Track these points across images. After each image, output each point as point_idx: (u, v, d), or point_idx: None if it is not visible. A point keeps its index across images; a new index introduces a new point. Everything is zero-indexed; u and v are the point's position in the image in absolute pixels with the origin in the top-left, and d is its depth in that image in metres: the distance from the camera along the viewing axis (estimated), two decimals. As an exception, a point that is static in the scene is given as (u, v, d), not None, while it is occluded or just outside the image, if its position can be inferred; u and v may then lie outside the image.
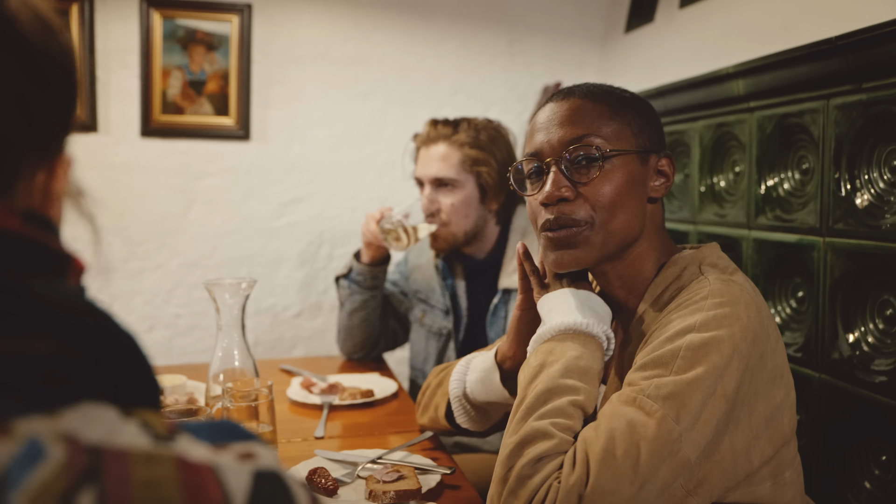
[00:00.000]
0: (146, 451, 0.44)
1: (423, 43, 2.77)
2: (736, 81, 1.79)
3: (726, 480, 1.01)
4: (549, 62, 2.86)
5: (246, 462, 0.48)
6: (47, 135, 0.54)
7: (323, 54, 2.70)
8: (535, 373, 1.09)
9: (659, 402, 0.96)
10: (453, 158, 1.99)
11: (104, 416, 0.45)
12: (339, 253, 2.77)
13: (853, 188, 1.52)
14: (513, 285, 1.97)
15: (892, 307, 1.44)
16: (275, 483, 0.48)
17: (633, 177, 1.12)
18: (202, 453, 0.46)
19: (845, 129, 1.53)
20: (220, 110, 2.64)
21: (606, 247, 1.13)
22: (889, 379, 1.43)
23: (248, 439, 0.51)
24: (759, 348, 1.02)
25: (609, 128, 1.12)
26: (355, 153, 2.76)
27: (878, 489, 1.47)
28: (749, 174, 1.82)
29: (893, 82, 1.41)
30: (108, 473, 0.42)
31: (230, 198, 2.67)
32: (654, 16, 2.48)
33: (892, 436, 1.43)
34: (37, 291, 0.47)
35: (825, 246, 1.58)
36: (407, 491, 1.22)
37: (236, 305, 1.55)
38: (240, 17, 2.60)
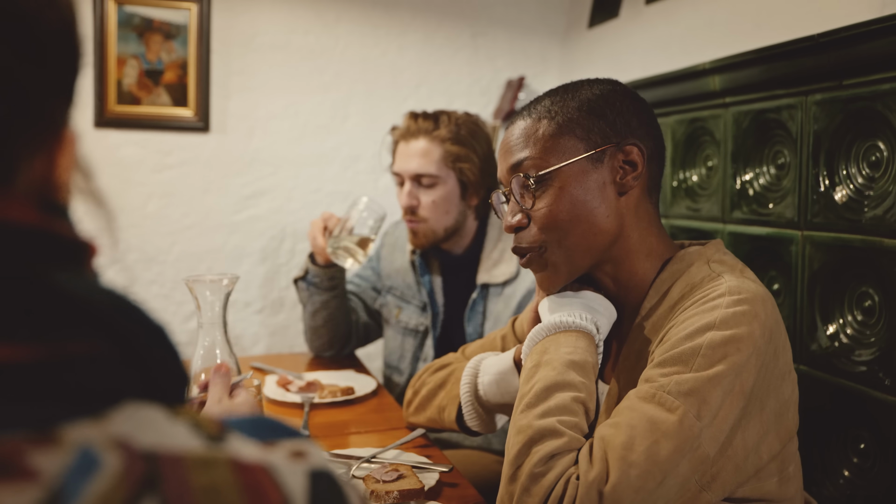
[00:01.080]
0: (201, 454, 0.42)
1: (385, 35, 2.74)
2: (713, 77, 1.82)
3: (738, 475, 1.02)
4: (512, 56, 2.86)
5: (299, 461, 0.46)
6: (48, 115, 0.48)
7: (284, 45, 2.64)
8: (532, 372, 1.09)
9: (680, 398, 0.96)
10: (434, 154, 1.96)
11: (152, 418, 0.43)
12: (302, 248, 2.72)
13: (832, 183, 1.55)
14: (491, 280, 1.96)
15: (871, 299, 1.48)
16: (330, 484, 0.46)
17: (581, 184, 1.12)
18: (254, 452, 0.44)
19: (824, 125, 1.56)
20: (178, 101, 2.56)
21: (572, 262, 1.14)
22: (869, 369, 1.47)
23: (295, 436, 0.49)
24: (774, 345, 1.03)
25: (547, 143, 1.13)
26: (318, 145, 2.71)
27: (857, 476, 1.51)
28: (723, 168, 1.85)
29: (874, 79, 1.45)
30: (168, 481, 0.39)
31: (189, 191, 2.60)
32: (619, 11, 2.49)
33: (870, 424, 1.47)
34: (66, 287, 0.44)
35: (803, 239, 1.61)
36: (410, 490, 1.20)
37: (218, 302, 1.50)
38: (198, 5, 2.53)
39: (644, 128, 1.17)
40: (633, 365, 1.13)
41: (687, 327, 1.02)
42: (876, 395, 1.45)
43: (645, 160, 1.14)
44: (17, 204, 0.45)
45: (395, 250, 2.20)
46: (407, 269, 2.13)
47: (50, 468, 0.37)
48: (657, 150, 1.19)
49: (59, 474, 0.37)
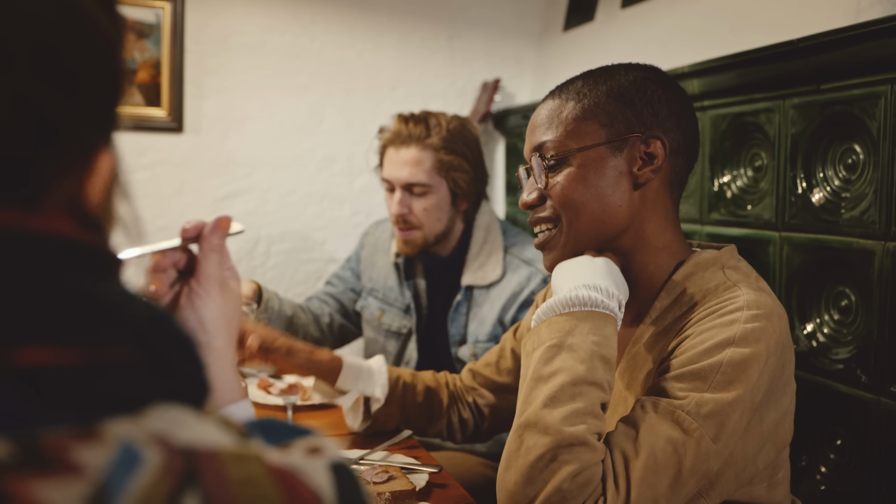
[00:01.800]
0: (234, 450, 0.43)
1: (362, 36, 2.73)
2: (691, 80, 1.84)
3: (736, 483, 1.04)
4: (488, 58, 2.87)
5: (318, 457, 0.47)
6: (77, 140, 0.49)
7: (260, 45, 2.63)
8: (553, 353, 1.01)
9: (699, 419, 0.96)
10: (426, 163, 1.94)
11: (184, 417, 0.44)
12: (277, 249, 2.71)
13: (809, 185, 1.59)
14: (476, 282, 1.96)
15: (848, 298, 1.51)
16: (348, 475, 0.48)
17: (597, 170, 1.12)
18: (275, 454, 0.45)
19: (802, 128, 1.59)
20: (151, 101, 2.53)
21: (577, 244, 1.13)
22: (846, 367, 1.50)
23: (306, 434, 0.50)
24: (782, 360, 1.04)
25: (570, 126, 1.13)
26: (293, 147, 2.69)
27: (834, 473, 1.55)
28: (702, 171, 1.88)
29: (850, 84, 1.48)
30: (207, 475, 0.41)
31: (162, 192, 2.57)
32: (595, 15, 2.52)
33: (847, 421, 1.50)
34: (104, 295, 0.46)
35: (781, 240, 1.65)
36: (402, 492, 1.20)
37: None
38: (172, 4, 2.50)
39: (674, 119, 1.15)
40: (639, 365, 1.12)
41: (705, 340, 1.01)
42: (853, 393, 1.48)
43: (667, 154, 1.13)
44: (56, 217, 0.47)
45: (376, 251, 2.19)
46: (389, 272, 2.12)
47: (94, 463, 0.38)
48: (686, 145, 1.17)
49: (103, 469, 0.38)
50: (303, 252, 2.74)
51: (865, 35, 1.40)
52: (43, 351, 0.41)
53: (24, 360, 0.41)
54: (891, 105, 1.40)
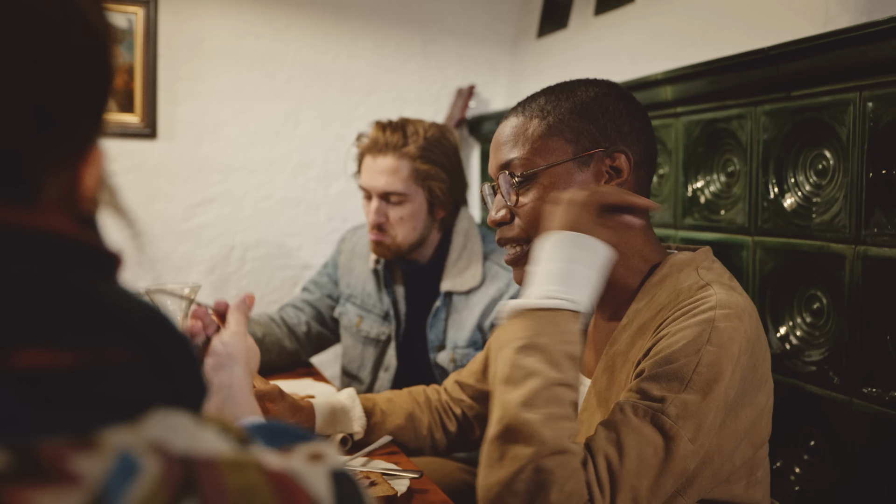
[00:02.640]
0: (232, 457, 0.43)
1: (336, 42, 2.74)
2: (664, 87, 1.87)
3: (714, 481, 1.05)
4: (462, 64, 2.89)
5: (318, 463, 0.47)
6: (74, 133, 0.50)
7: (233, 50, 2.62)
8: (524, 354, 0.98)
9: (679, 421, 0.97)
10: (403, 172, 1.94)
11: (183, 424, 0.44)
12: (252, 256, 2.69)
13: (781, 190, 1.61)
14: (455, 288, 1.96)
15: (820, 301, 1.54)
16: (349, 483, 0.48)
17: (565, 185, 1.13)
18: (275, 460, 0.46)
19: (773, 135, 1.62)
20: (124, 107, 2.51)
21: None
22: (818, 369, 1.53)
23: (309, 439, 0.50)
24: (753, 358, 1.05)
25: (536, 144, 1.15)
26: (268, 152, 2.69)
27: (808, 473, 1.57)
28: (675, 176, 1.90)
29: (820, 91, 1.51)
30: (204, 483, 0.41)
31: (135, 199, 2.54)
32: (568, 22, 2.54)
33: (820, 422, 1.53)
34: (103, 296, 0.46)
35: (754, 244, 1.67)
36: (384, 497, 1.20)
37: (179, 312, 1.48)
38: (145, 9, 2.48)
39: (635, 133, 1.18)
40: (618, 366, 1.14)
41: (679, 341, 1.02)
42: (825, 394, 1.51)
43: (631, 167, 1.16)
44: (54, 214, 0.47)
45: (354, 257, 2.18)
46: (367, 278, 2.12)
47: (92, 472, 0.38)
48: (647, 156, 1.20)
49: (101, 478, 0.38)
50: (278, 258, 2.73)
51: (834, 43, 1.43)
52: (42, 353, 0.41)
53: (23, 363, 0.41)
54: (859, 112, 1.43)
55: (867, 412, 1.42)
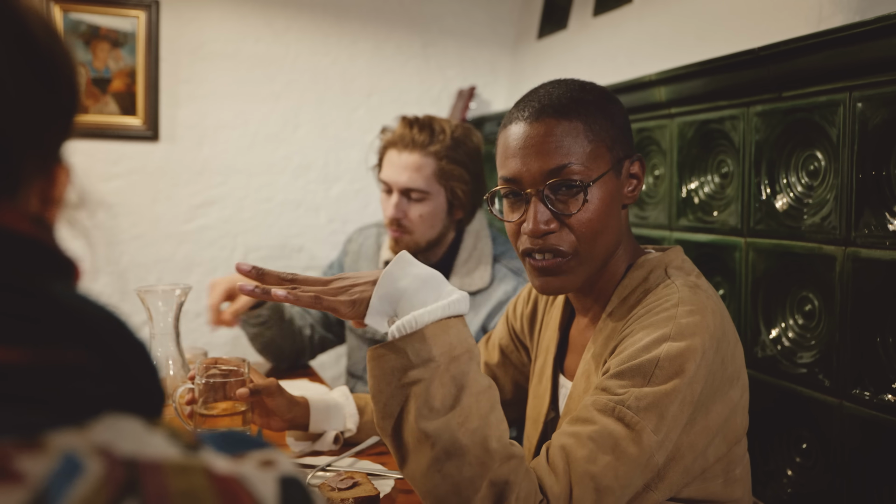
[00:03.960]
0: (178, 461, 0.44)
1: (336, 44, 2.75)
2: (658, 88, 1.86)
3: (685, 477, 1.05)
4: (462, 66, 2.89)
5: (269, 469, 0.48)
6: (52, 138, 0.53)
7: (234, 53, 2.63)
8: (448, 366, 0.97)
9: (640, 413, 0.98)
10: (427, 170, 1.93)
11: (131, 428, 0.45)
12: (253, 258, 2.71)
13: (773, 191, 1.61)
14: (463, 288, 1.96)
15: (811, 303, 1.53)
16: (299, 489, 0.49)
17: (611, 194, 1.12)
18: (225, 465, 0.46)
19: (765, 136, 1.61)
20: (126, 109, 2.53)
21: (592, 270, 1.15)
22: (809, 371, 1.52)
23: (262, 446, 0.51)
24: (721, 353, 1.05)
25: (586, 149, 1.10)
26: (268, 155, 2.70)
27: (800, 476, 1.56)
28: (670, 177, 1.90)
29: (811, 91, 1.50)
30: (147, 486, 0.42)
31: (137, 201, 2.57)
32: (568, 23, 2.54)
33: (811, 425, 1.52)
34: (60, 297, 0.47)
35: (747, 246, 1.67)
36: (366, 497, 1.20)
37: (170, 312, 1.49)
38: (147, 12, 2.50)
39: (631, 137, 1.20)
40: (592, 370, 1.14)
41: (643, 338, 1.04)
42: (816, 396, 1.50)
43: (643, 174, 1.18)
44: (18, 215, 0.48)
45: (360, 259, 2.18)
46: None
47: (36, 472, 0.39)
48: None
49: (44, 478, 0.39)
50: (279, 260, 2.74)
51: (823, 44, 1.42)
52: None
53: None
54: (849, 112, 1.42)
55: (857, 415, 1.41)
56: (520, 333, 1.44)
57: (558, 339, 1.30)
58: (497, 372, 1.47)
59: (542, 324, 1.38)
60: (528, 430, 1.36)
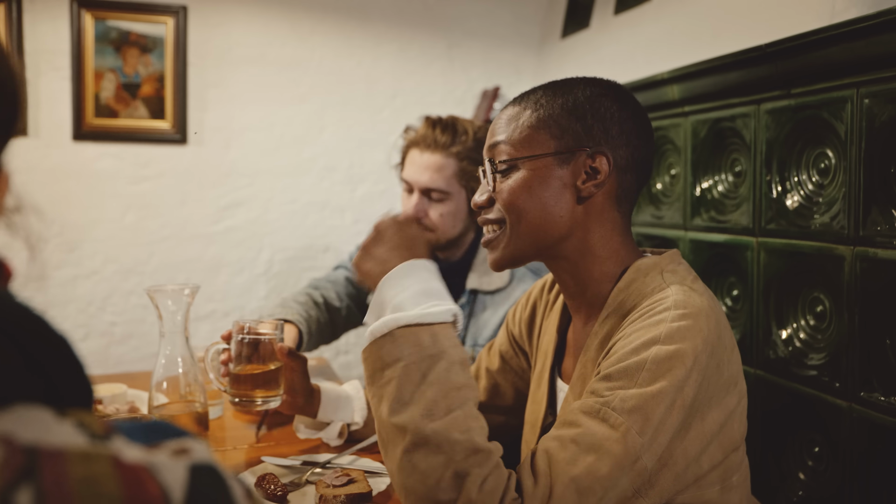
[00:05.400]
0: (83, 449, 0.45)
1: (360, 46, 2.77)
2: (671, 86, 1.85)
3: (677, 484, 1.04)
4: (486, 67, 2.89)
5: (181, 458, 0.48)
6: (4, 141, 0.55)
7: (260, 57, 2.68)
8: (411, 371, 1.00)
9: (624, 414, 0.97)
10: (448, 171, 1.94)
11: (39, 417, 0.46)
12: (279, 258, 2.75)
13: (784, 190, 1.58)
14: (482, 287, 1.97)
15: (822, 304, 1.50)
16: (211, 475, 0.49)
17: (543, 180, 1.14)
18: (137, 454, 0.47)
19: (775, 133, 1.59)
20: (155, 113, 2.59)
21: (519, 247, 1.16)
22: (819, 373, 1.49)
23: (181, 436, 0.52)
24: (716, 359, 1.04)
25: (524, 133, 1.15)
26: (294, 156, 2.74)
27: (812, 479, 1.54)
28: (685, 176, 1.88)
29: (819, 88, 1.47)
30: (45, 472, 0.42)
31: (166, 202, 2.63)
32: (590, 22, 2.53)
33: (823, 428, 1.49)
34: None
35: (758, 246, 1.64)
36: (358, 494, 1.22)
37: (179, 312, 1.52)
38: (175, 18, 2.56)
39: (624, 137, 1.16)
40: (587, 374, 1.14)
41: (633, 341, 1.03)
42: (826, 399, 1.47)
43: (611, 170, 1.15)
44: None
45: None
46: None
47: None
48: (636, 162, 1.18)
49: None
50: (305, 260, 2.78)
51: (829, 39, 1.40)
52: None
53: None
54: (857, 109, 1.39)
55: (866, 418, 1.38)
56: (518, 339, 1.44)
57: (556, 343, 1.30)
58: (498, 378, 1.47)
59: (540, 328, 1.38)
60: (526, 435, 1.36)
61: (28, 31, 2.44)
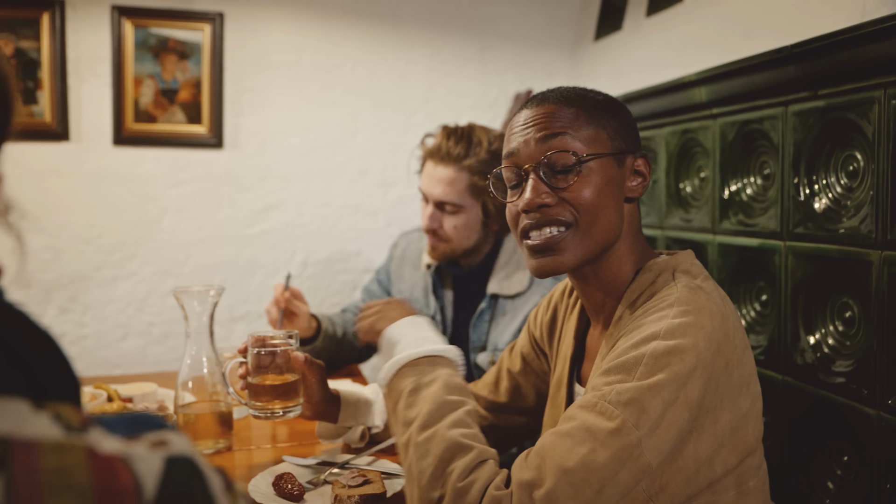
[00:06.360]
0: (57, 440, 0.46)
1: (393, 50, 2.79)
2: (699, 88, 1.83)
3: (688, 487, 1.02)
4: (519, 70, 2.89)
5: (158, 449, 0.49)
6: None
7: (294, 62, 2.71)
8: (412, 398, 1.13)
9: (619, 407, 0.96)
10: (460, 185, 1.94)
11: (15, 409, 0.47)
12: (313, 260, 2.78)
13: (812, 193, 1.55)
14: (502, 291, 1.97)
15: (851, 309, 1.47)
16: (187, 467, 0.50)
17: (610, 179, 1.13)
18: (114, 445, 0.48)
19: (803, 136, 1.56)
20: (192, 118, 2.64)
21: (587, 250, 1.14)
22: (847, 380, 1.46)
23: (161, 428, 0.53)
24: (724, 358, 1.02)
25: (585, 131, 1.13)
26: (327, 160, 2.77)
27: (841, 489, 1.50)
28: (713, 179, 1.85)
29: (847, 89, 1.44)
30: (17, 462, 0.44)
31: (203, 205, 2.68)
32: (623, 24, 2.51)
33: (852, 436, 1.46)
34: None
35: (786, 250, 1.61)
36: (372, 495, 1.23)
37: (205, 313, 1.55)
38: (212, 25, 2.61)
39: (639, 140, 1.22)
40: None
41: (634, 336, 1.03)
42: (854, 406, 1.44)
43: (649, 173, 1.19)
44: None
45: (404, 264, 2.22)
46: (416, 283, 2.16)
47: None
48: None
49: None
50: (338, 262, 2.80)
51: (858, 38, 1.37)
52: None
53: None
54: (884, 110, 1.36)
55: (894, 427, 1.35)
56: (540, 341, 1.44)
57: (574, 348, 1.30)
58: (519, 379, 1.47)
59: (560, 332, 1.37)
60: None
61: (70, 38, 2.50)
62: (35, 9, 2.47)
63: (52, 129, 2.50)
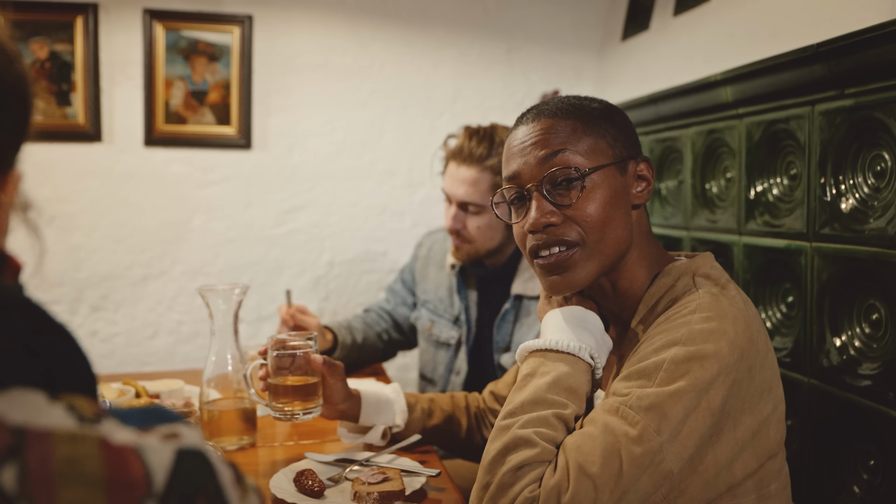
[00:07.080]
0: (70, 431, 0.47)
1: (420, 52, 2.80)
2: (724, 88, 1.81)
3: (708, 492, 1.02)
4: (546, 70, 2.88)
5: (169, 441, 0.51)
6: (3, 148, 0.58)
7: (322, 64, 2.74)
8: (523, 382, 1.09)
9: (641, 412, 0.97)
10: (483, 185, 1.94)
11: (31, 400, 0.49)
12: (340, 260, 2.80)
13: (838, 193, 1.53)
14: (526, 292, 1.97)
15: (878, 311, 1.45)
16: (198, 460, 0.51)
17: (615, 189, 1.12)
18: (126, 436, 0.49)
19: (830, 135, 1.54)
20: (221, 119, 2.68)
21: (599, 265, 1.13)
22: (873, 383, 1.44)
23: (174, 421, 0.54)
24: (748, 363, 1.02)
25: (584, 143, 1.11)
26: (354, 161, 2.79)
27: (867, 493, 1.48)
28: (739, 180, 1.84)
29: (875, 88, 1.42)
30: (31, 451, 0.45)
31: (231, 206, 2.71)
32: (650, 23, 2.50)
33: (878, 440, 1.44)
34: None
35: (812, 251, 1.59)
36: (390, 492, 1.24)
37: (229, 311, 1.58)
38: (241, 28, 2.64)
39: (639, 144, 1.21)
40: None
41: (655, 342, 1.03)
42: (881, 410, 1.42)
43: (652, 177, 1.18)
44: None
45: (429, 264, 2.23)
46: (440, 283, 2.16)
47: None
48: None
49: None
50: (364, 262, 2.82)
51: (885, 36, 1.35)
52: None
53: None
54: (912, 109, 1.34)
55: (920, 430, 1.33)
56: None
57: None
58: None
59: None
60: None
61: (104, 42, 2.55)
62: (69, 13, 2.51)
63: (85, 131, 2.55)
